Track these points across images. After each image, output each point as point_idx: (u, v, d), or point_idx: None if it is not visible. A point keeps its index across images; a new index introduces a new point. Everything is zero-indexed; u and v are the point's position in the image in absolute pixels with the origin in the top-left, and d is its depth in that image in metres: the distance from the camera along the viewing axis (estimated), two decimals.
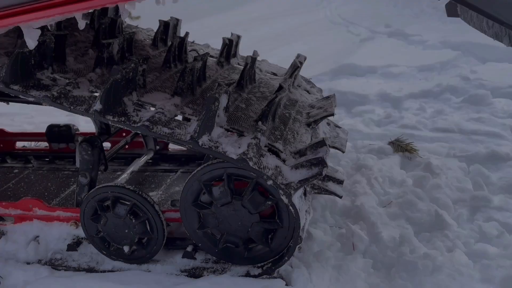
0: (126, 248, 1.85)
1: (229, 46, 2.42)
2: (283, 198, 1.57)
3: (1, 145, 2.99)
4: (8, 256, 2.00)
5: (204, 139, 1.59)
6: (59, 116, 4.53)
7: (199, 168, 1.69)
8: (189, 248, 1.87)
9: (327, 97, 2.27)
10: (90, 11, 1.56)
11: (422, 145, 2.76)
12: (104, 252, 1.90)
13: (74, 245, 1.99)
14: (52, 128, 2.84)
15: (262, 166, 1.58)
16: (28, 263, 1.96)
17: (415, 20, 7.55)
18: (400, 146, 2.69)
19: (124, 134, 2.65)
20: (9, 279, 1.89)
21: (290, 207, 1.58)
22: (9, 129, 3.04)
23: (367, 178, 2.39)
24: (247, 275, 1.74)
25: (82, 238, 2.02)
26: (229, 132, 1.69)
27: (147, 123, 1.62)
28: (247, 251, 1.75)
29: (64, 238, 2.03)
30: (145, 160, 2.62)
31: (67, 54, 1.95)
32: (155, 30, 2.57)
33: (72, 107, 1.65)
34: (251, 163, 1.56)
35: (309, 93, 2.47)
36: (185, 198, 1.72)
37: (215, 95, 1.62)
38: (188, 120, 1.77)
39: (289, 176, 1.61)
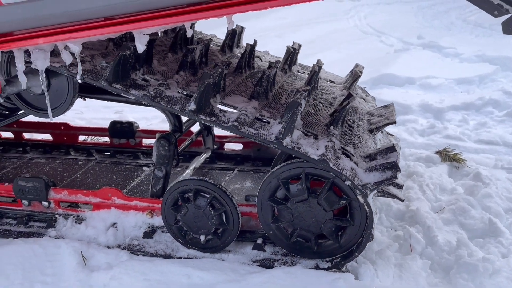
0: (202, 238, 2.01)
1: (292, 54, 2.57)
2: (359, 198, 1.71)
3: (65, 138, 3.19)
4: (89, 240, 2.17)
5: (287, 140, 1.74)
6: (107, 113, 4.75)
7: (278, 167, 1.83)
8: (259, 241, 2.02)
9: (386, 106, 2.40)
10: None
11: (468, 155, 2.86)
12: (180, 240, 2.06)
13: (149, 233, 2.15)
14: (115, 124, 3.03)
15: (340, 167, 1.72)
16: (108, 247, 2.13)
17: (447, 33, 7.61)
18: (448, 156, 2.80)
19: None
20: (92, 261, 2.06)
21: (365, 207, 1.72)
22: None
23: (418, 185, 2.51)
24: (317, 268, 1.87)
25: (156, 227, 2.19)
26: (305, 135, 1.84)
27: (236, 123, 1.78)
28: (317, 246, 1.88)
29: (139, 226, 2.20)
30: (204, 158, 2.78)
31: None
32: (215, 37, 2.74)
33: (168, 106, 1.82)
34: (331, 164, 1.70)
35: (365, 101, 2.60)
36: (263, 193, 1.87)
37: (298, 100, 1.77)
38: (265, 121, 1.91)
39: (364, 178, 1.75)
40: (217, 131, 2.90)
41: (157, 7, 1.56)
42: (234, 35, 2.64)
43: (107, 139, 3.20)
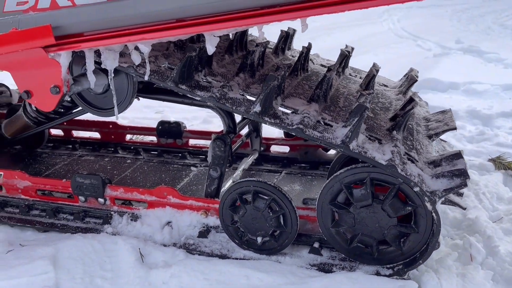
0: (259, 239, 2.01)
1: (346, 57, 2.55)
2: (427, 204, 1.68)
3: (113, 137, 3.26)
4: (145, 238, 2.21)
5: (353, 144, 1.73)
6: (148, 113, 4.83)
7: (342, 171, 1.82)
8: (316, 245, 2.01)
9: (444, 111, 2.36)
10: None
11: None
12: (236, 241, 2.07)
13: (204, 233, 2.17)
14: (162, 124, 3.08)
15: (408, 173, 1.69)
16: (164, 245, 2.16)
17: (486, 37, 7.44)
18: (502, 164, 2.72)
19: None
20: (149, 258, 2.09)
21: (433, 214, 1.68)
22: None
23: (474, 193, 2.44)
24: (378, 274, 1.85)
25: (211, 227, 2.20)
26: (369, 139, 1.82)
27: (301, 126, 1.78)
28: (377, 252, 1.86)
29: (194, 226, 2.22)
30: (252, 159, 2.79)
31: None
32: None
33: (233, 108, 1.83)
34: (399, 169, 1.67)
35: (419, 106, 2.56)
36: (324, 197, 1.86)
37: (365, 104, 1.75)
38: (327, 125, 1.90)
39: (431, 185, 1.71)
40: (264, 133, 2.92)
41: (232, 10, 1.58)
42: (287, 37, 2.64)
43: (152, 138, 3.25)
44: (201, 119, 4.19)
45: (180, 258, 2.06)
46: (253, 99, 1.92)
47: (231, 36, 2.47)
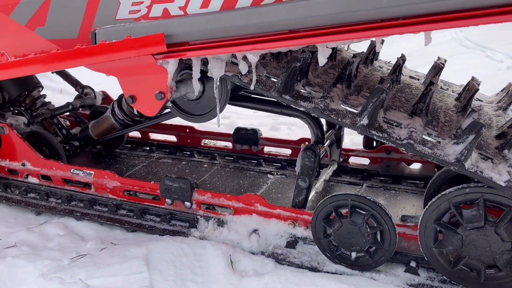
0: (353, 254, 1.97)
1: (440, 69, 2.46)
2: None
3: (189, 141, 3.32)
4: (233, 244, 2.22)
5: (468, 163, 1.65)
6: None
7: (451, 190, 1.74)
8: (413, 264, 1.94)
9: None
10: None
11: None
12: (328, 254, 2.04)
13: (292, 243, 2.16)
14: (239, 130, 3.10)
15: None
16: (252, 253, 2.16)
17: None
18: None
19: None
20: (239, 265, 2.10)
21: None
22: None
23: None
24: None
25: (298, 238, 2.18)
26: (481, 158, 1.74)
27: (411, 141, 1.72)
28: (485, 276, 1.76)
29: (280, 235, 2.21)
30: (331, 170, 2.75)
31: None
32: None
33: (338, 120, 1.81)
34: None
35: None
36: (429, 215, 1.79)
37: (479, 121, 1.67)
38: (435, 141, 1.83)
39: None
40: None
41: (348, 22, 1.56)
42: (373, 46, 2.59)
43: (226, 143, 3.29)
44: (268, 126, 4.21)
45: (270, 267, 2.06)
46: (354, 110, 1.89)
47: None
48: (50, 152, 2.92)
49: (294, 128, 4.11)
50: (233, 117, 4.52)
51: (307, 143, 2.92)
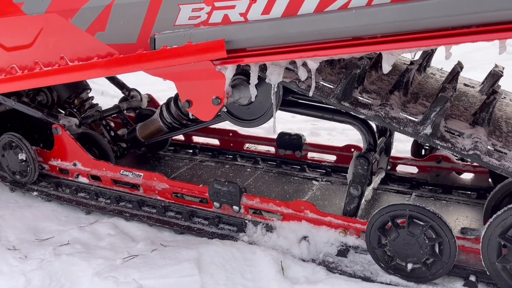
0: (409, 266, 1.93)
1: (499, 78, 2.39)
2: None
3: (231, 145, 3.34)
4: (282, 250, 2.21)
5: None
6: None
7: None
8: (472, 278, 1.88)
9: None
10: None
11: None
12: (382, 264, 2.00)
13: (344, 252, 2.13)
14: (283, 135, 3.10)
15: None
16: (303, 260, 2.15)
17: None
18: None
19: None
20: (289, 272, 2.09)
21: None
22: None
23: None
24: None
25: (349, 246, 2.15)
26: None
27: (477, 152, 1.67)
28: None
29: (331, 243, 2.19)
30: (379, 178, 2.70)
31: None
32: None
33: (400, 128, 1.78)
34: None
35: None
36: (494, 229, 1.73)
37: None
38: (502, 152, 1.78)
39: None
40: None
41: (417, 29, 1.53)
42: (431, 55, 2.54)
43: (268, 148, 3.29)
44: (307, 131, 4.18)
45: (322, 275, 2.04)
46: (414, 119, 1.86)
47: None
48: (99, 153, 2.99)
49: (335, 134, 4.07)
50: (270, 121, 4.50)
51: (353, 150, 2.94)
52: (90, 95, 3.32)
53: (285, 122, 4.57)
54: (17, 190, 3.04)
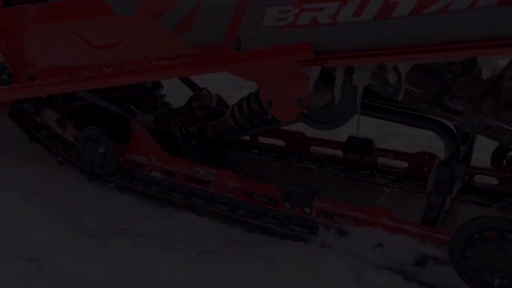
0: (497, 281, 1.83)
1: None
2: None
3: (297, 147, 3.34)
4: (357, 256, 2.18)
5: None
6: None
7: None
8: None
9: None
10: None
11: None
12: (465, 278, 1.92)
13: (422, 262, 2.06)
14: (353, 139, 3.05)
15: None
16: (378, 267, 2.10)
17: None
18: None
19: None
20: (365, 278, 2.05)
21: None
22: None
23: None
24: None
25: (428, 256, 2.08)
26: None
27: None
28: None
29: (408, 252, 2.12)
30: (457, 188, 2.59)
31: None
32: None
33: (497, 137, 1.70)
34: None
35: None
36: None
37: None
38: None
39: None
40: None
41: None
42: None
43: (335, 151, 3.24)
44: (373, 136, 4.08)
45: (399, 284, 1.99)
46: (509, 128, 1.76)
47: None
48: (172, 149, 3.10)
49: (403, 139, 3.95)
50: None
51: (426, 156, 2.84)
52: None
53: (349, 126, 4.49)
54: (94, 180, 3.22)
